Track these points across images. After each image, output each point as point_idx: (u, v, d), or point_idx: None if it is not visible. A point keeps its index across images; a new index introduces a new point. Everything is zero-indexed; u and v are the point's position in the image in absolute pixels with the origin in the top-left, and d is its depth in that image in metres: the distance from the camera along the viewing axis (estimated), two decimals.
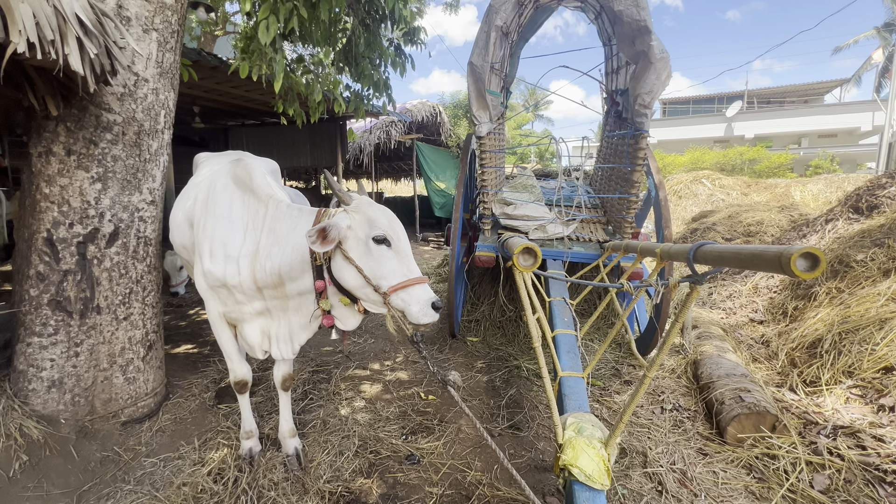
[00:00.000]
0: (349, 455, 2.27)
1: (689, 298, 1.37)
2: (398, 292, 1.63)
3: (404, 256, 1.69)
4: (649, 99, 2.72)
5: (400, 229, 1.73)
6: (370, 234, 1.65)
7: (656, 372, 1.42)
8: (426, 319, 1.63)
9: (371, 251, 1.65)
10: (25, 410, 2.17)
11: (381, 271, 1.65)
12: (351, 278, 1.68)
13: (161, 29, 2.49)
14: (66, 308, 2.27)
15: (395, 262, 1.66)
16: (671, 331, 1.40)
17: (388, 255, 1.66)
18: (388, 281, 1.64)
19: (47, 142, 2.22)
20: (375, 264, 1.65)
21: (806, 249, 0.85)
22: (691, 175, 10.10)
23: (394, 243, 1.67)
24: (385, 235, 1.66)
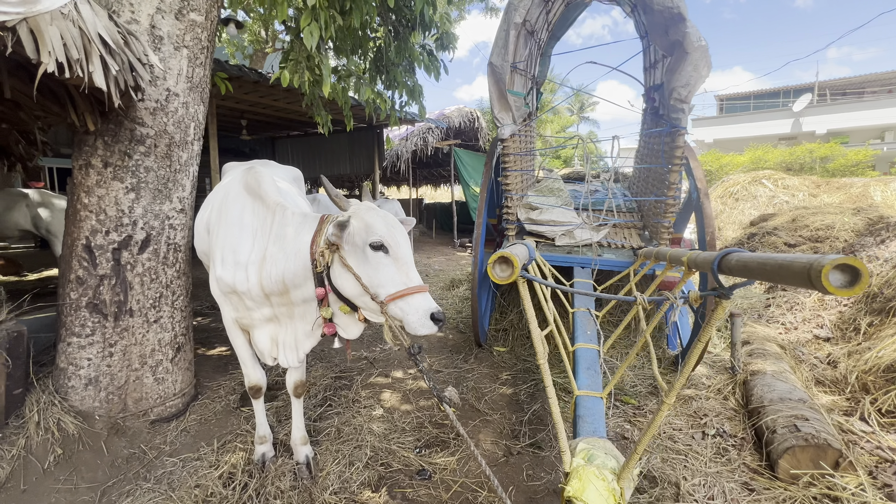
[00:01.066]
0: (359, 466, 2.22)
1: (715, 314, 1.19)
2: (396, 301, 1.57)
3: (403, 264, 1.62)
4: (686, 92, 2.49)
5: (399, 235, 1.67)
6: (367, 241, 1.60)
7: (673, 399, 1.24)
8: (424, 331, 1.55)
9: (368, 258, 1.60)
10: (64, 406, 2.31)
11: (379, 279, 1.59)
12: (349, 286, 1.64)
13: (191, 46, 2.62)
14: (102, 311, 2.41)
15: (394, 269, 1.60)
16: (694, 351, 1.22)
17: (386, 263, 1.61)
18: (386, 289, 1.58)
19: (87, 155, 2.38)
20: (372, 272, 1.59)
21: (842, 260, 0.68)
22: (750, 175, 9.28)
23: (392, 250, 1.61)
24: (382, 241, 1.60)
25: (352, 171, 9.67)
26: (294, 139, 10.41)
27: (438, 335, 4.41)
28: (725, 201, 9.23)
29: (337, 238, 1.59)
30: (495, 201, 3.84)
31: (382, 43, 4.57)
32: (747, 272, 0.99)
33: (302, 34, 2.83)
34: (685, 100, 2.53)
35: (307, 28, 2.75)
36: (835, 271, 0.69)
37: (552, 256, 3.00)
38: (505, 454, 2.43)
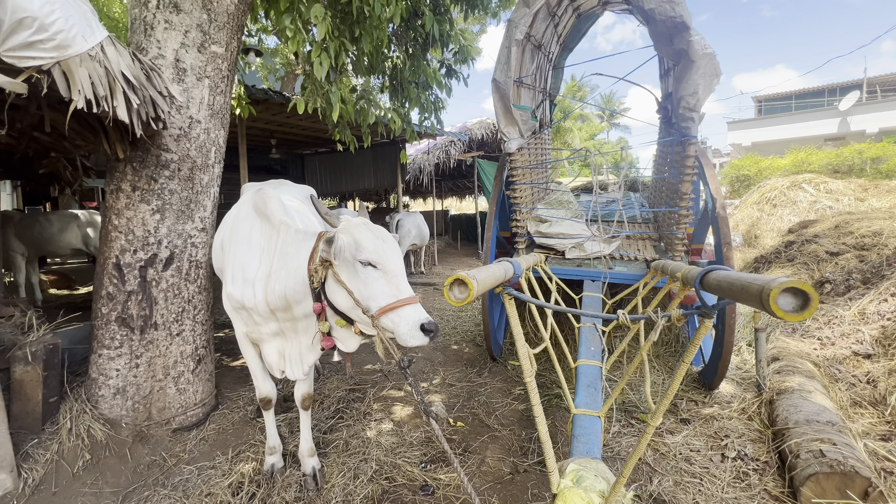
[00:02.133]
0: (364, 480, 2.25)
1: (698, 333, 1.15)
2: (387, 314, 1.60)
3: (393, 276, 1.66)
4: (694, 101, 2.43)
5: (389, 249, 1.70)
6: (356, 256, 1.65)
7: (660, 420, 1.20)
8: (415, 342, 1.57)
9: (358, 273, 1.65)
10: (95, 414, 2.48)
11: (369, 292, 1.63)
12: (342, 300, 1.69)
13: (212, 76, 2.80)
14: (130, 324, 2.58)
15: (384, 283, 1.64)
16: (678, 372, 1.18)
17: (376, 277, 1.65)
18: (377, 302, 1.62)
19: (117, 180, 2.58)
20: (363, 286, 1.64)
21: (790, 284, 0.65)
22: (788, 180, 8.79)
23: (381, 264, 1.65)
24: (370, 258, 1.65)
25: (376, 185, 9.90)
26: (321, 156, 10.78)
27: (454, 348, 4.41)
28: (762, 207, 8.79)
29: (327, 254, 1.65)
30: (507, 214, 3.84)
31: (398, 62, 4.72)
32: (720, 291, 0.96)
33: (313, 66, 2.97)
34: (694, 108, 2.47)
35: (317, 60, 2.89)
36: (785, 294, 0.67)
37: (562, 270, 2.96)
38: (511, 471, 2.40)
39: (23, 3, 1.64)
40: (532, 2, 2.54)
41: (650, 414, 1.28)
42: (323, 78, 3.01)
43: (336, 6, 3.66)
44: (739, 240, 8.65)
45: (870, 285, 3.99)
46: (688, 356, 1.17)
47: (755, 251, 8.01)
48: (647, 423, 1.27)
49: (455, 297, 0.95)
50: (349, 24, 3.59)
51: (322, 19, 2.83)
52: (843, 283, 4.42)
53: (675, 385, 1.19)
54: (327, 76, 3.21)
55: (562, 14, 3.33)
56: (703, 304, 1.13)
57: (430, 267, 9.76)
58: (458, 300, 0.95)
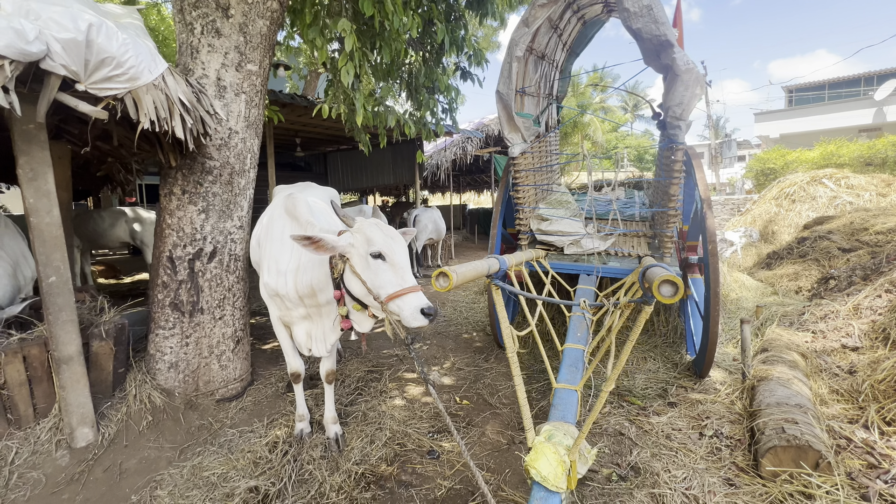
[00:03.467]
0: (379, 444, 2.61)
1: (641, 318, 1.43)
2: (394, 300, 1.92)
3: (399, 268, 1.97)
4: (680, 111, 2.65)
5: (396, 245, 2.01)
6: (368, 251, 1.98)
7: (612, 386, 1.47)
8: (416, 323, 1.88)
9: (370, 265, 1.97)
10: (153, 384, 2.92)
11: (379, 281, 1.95)
12: (356, 288, 2.03)
13: (248, 91, 3.18)
14: (181, 309, 3.01)
15: (391, 273, 1.96)
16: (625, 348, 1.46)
17: (384, 268, 1.96)
18: (385, 290, 1.94)
19: (170, 185, 2.99)
20: (373, 276, 1.96)
21: (666, 277, 0.93)
22: (809, 175, 8.68)
23: (388, 258, 1.96)
24: (380, 251, 1.96)
25: (395, 181, 10.27)
26: (343, 153, 11.22)
27: (465, 336, 4.74)
28: (780, 203, 8.72)
29: (343, 250, 1.99)
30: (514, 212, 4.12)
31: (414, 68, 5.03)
32: (644, 284, 1.24)
33: (339, 74, 3.30)
34: (680, 117, 2.69)
35: (344, 69, 3.22)
36: (665, 284, 0.95)
37: (560, 264, 3.23)
38: (508, 442, 2.71)
39: (105, 45, 2.03)
40: (531, 21, 2.80)
41: (606, 381, 1.57)
42: (349, 84, 3.34)
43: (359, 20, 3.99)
44: (756, 235, 8.63)
45: (869, 281, 4.09)
46: (633, 335, 1.44)
47: (771, 247, 8.00)
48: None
49: (440, 285, 1.25)
50: (370, 37, 3.91)
51: (349, 32, 3.16)
52: (846, 279, 4.51)
53: (622, 358, 1.47)
54: (352, 84, 3.55)
55: (565, 25, 3.56)
56: (644, 295, 1.41)
57: (447, 260, 10.09)
58: (442, 287, 1.25)
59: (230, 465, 2.42)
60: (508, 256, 2.28)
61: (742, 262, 7.90)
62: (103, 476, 2.32)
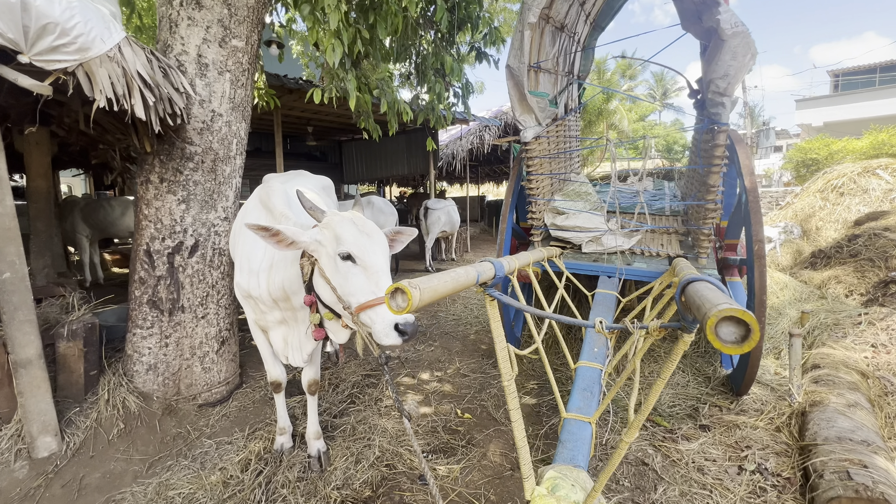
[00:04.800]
0: (365, 465, 2.32)
1: (675, 349, 1.06)
2: (366, 310, 1.60)
3: (373, 273, 1.64)
4: (724, 84, 2.21)
5: (371, 245, 1.68)
6: (336, 251, 1.66)
7: (636, 435, 1.12)
8: (388, 341, 1.56)
9: (338, 268, 1.66)
10: (130, 387, 2.72)
11: (348, 288, 1.64)
12: (325, 294, 1.72)
13: (233, 69, 2.89)
14: (160, 307, 2.79)
15: (363, 279, 1.63)
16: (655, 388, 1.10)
17: (355, 272, 1.64)
18: (356, 298, 1.62)
19: (147, 172, 2.75)
20: (342, 281, 1.65)
21: (729, 312, 0.58)
22: (860, 165, 7.87)
23: (360, 259, 1.64)
24: (349, 252, 1.64)
25: (409, 172, 9.95)
26: (358, 142, 10.97)
27: (472, 337, 4.41)
28: (827, 196, 7.97)
29: (306, 247, 1.67)
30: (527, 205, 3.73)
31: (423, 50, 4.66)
32: (687, 307, 0.88)
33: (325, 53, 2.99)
34: (725, 93, 2.25)
35: (328, 46, 2.90)
36: (726, 323, 0.59)
37: (577, 264, 2.84)
38: (512, 468, 2.38)
39: (45, 9, 1.76)
40: None
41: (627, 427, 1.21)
42: (336, 64, 3.02)
43: None
44: (798, 231, 7.93)
45: None
46: (665, 371, 1.08)
47: (813, 244, 7.32)
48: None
49: (396, 306, 0.93)
50: (364, 11, 3.57)
51: (334, 8, 2.83)
52: None
53: (651, 398, 1.11)
54: (342, 64, 3.22)
55: None
56: (682, 317, 1.04)
57: (462, 254, 9.75)
58: (399, 309, 0.92)
59: (199, 483, 2.17)
60: (510, 258, 1.92)
61: (781, 261, 7.25)
62: (61, 492, 2.11)
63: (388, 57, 4.22)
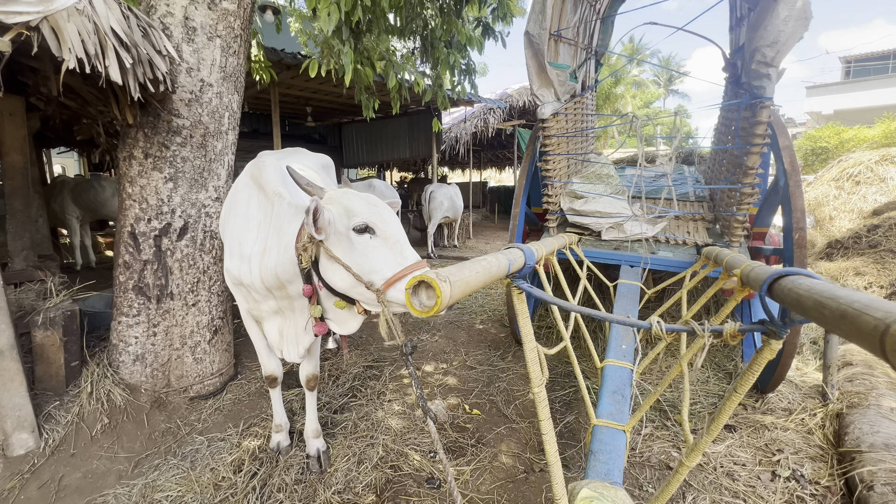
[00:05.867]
0: (368, 466, 2.15)
1: (758, 357, 0.87)
2: (396, 284, 1.42)
3: (395, 242, 1.47)
4: (773, 53, 1.97)
5: (386, 213, 1.52)
6: (349, 225, 1.47)
7: (697, 460, 0.94)
8: None
9: (354, 244, 1.47)
10: (115, 379, 2.53)
11: (371, 264, 1.45)
12: (339, 279, 1.52)
13: (224, 35, 2.64)
14: (146, 293, 2.58)
15: (385, 250, 1.46)
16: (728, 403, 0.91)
17: (375, 245, 1.46)
18: (381, 273, 1.44)
19: (129, 147, 2.52)
20: (361, 258, 1.46)
21: None
22: (878, 153, 7.62)
23: (379, 229, 1.46)
24: (366, 223, 1.46)
25: (411, 155, 9.66)
26: (358, 124, 10.64)
27: (479, 327, 4.23)
28: (842, 185, 7.73)
29: (310, 228, 1.47)
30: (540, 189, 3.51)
31: (430, 21, 4.37)
32: (801, 308, 0.68)
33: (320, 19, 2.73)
34: (772, 63, 2.01)
35: (324, 12, 2.64)
36: None
37: (596, 252, 2.64)
38: (526, 470, 2.22)
39: None
40: None
41: (685, 449, 1.02)
42: (330, 32, 2.76)
43: None
44: (811, 221, 7.72)
45: None
46: (742, 384, 0.89)
47: (827, 234, 7.12)
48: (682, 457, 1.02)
49: (420, 306, 0.72)
50: None
51: None
52: None
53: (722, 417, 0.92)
54: (337, 32, 2.95)
55: None
56: (769, 319, 0.84)
57: (465, 240, 9.54)
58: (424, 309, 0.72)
59: (188, 485, 2.01)
60: (535, 245, 1.72)
61: None
62: (37, 494, 1.94)
63: (393, 31, 3.94)
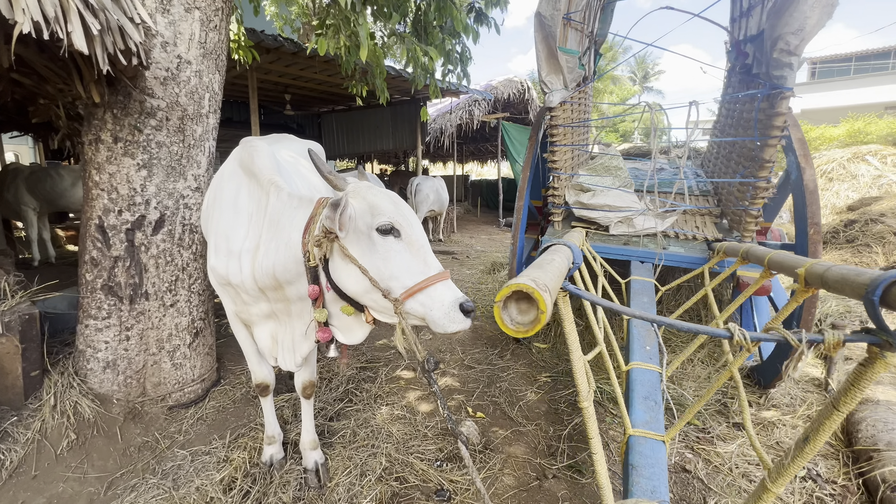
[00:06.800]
0: (371, 479, 1.99)
1: (870, 370, 0.76)
2: (416, 295, 1.29)
3: (419, 248, 1.34)
4: (797, 41, 1.90)
5: (411, 215, 1.39)
6: (373, 224, 1.32)
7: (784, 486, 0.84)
8: (455, 326, 1.28)
9: (376, 245, 1.32)
10: (83, 389, 2.28)
11: (391, 270, 1.31)
12: (352, 281, 1.36)
13: (204, 7, 2.38)
14: (118, 293, 2.33)
15: (408, 256, 1.33)
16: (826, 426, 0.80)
17: (398, 249, 1.33)
18: (401, 282, 1.31)
19: (96, 129, 2.24)
20: (382, 262, 1.32)
21: None
22: (849, 151, 7.90)
23: (404, 232, 1.33)
24: (392, 224, 1.32)
25: (394, 146, 9.41)
26: (338, 114, 10.29)
27: (474, 323, 4.10)
28: None
29: (332, 223, 1.30)
30: (540, 181, 3.38)
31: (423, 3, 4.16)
32: None
33: None
34: (795, 51, 1.94)
35: None
36: None
37: (605, 248, 2.54)
38: (538, 476, 2.11)
39: None
40: None
41: (767, 474, 0.92)
42: (349, 5, 2.54)
43: None
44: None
45: None
46: (845, 402, 0.78)
47: None
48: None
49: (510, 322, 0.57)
50: None
51: None
52: None
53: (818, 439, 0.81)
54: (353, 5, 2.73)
55: None
56: (881, 328, 0.73)
57: (449, 234, 9.40)
58: (520, 328, 0.57)
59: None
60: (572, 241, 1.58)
61: None
62: None
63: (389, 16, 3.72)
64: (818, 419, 0.84)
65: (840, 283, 0.88)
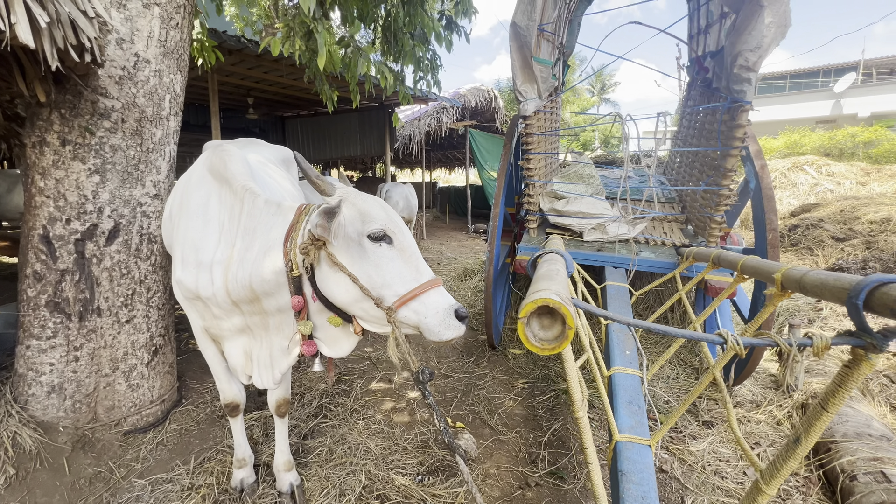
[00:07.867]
0: (351, 499, 1.91)
1: (854, 373, 0.79)
2: (409, 303, 1.26)
3: (411, 255, 1.32)
4: (755, 58, 2.02)
5: (401, 222, 1.37)
6: (364, 231, 1.29)
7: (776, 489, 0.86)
8: (450, 334, 1.25)
9: (367, 253, 1.28)
10: (23, 417, 2.05)
11: (383, 278, 1.28)
12: (341, 290, 1.30)
13: (164, 4, 2.25)
14: (65, 310, 2.12)
15: (401, 263, 1.30)
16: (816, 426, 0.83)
17: (391, 256, 1.30)
18: (394, 289, 1.27)
19: (41, 131, 2.05)
20: (374, 270, 1.28)
21: None
22: (789, 161, 8.57)
23: (396, 239, 1.31)
24: (384, 230, 1.29)
25: (362, 153, 9.29)
26: (304, 119, 10.05)
27: None
28: None
29: (323, 230, 1.24)
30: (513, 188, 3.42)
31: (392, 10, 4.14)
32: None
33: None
34: (753, 67, 2.06)
35: None
36: None
37: (580, 254, 2.59)
38: (521, 485, 2.10)
39: None
40: None
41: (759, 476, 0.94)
42: (311, 9, 2.47)
43: None
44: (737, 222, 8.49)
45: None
46: (833, 404, 0.81)
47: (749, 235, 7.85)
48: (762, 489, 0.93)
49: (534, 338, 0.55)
50: None
51: None
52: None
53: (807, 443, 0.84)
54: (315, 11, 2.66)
55: None
56: (865, 331, 0.77)
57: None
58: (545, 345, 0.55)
59: None
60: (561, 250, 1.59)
61: None
62: None
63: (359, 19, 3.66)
64: (807, 421, 0.87)
65: (819, 287, 0.92)
